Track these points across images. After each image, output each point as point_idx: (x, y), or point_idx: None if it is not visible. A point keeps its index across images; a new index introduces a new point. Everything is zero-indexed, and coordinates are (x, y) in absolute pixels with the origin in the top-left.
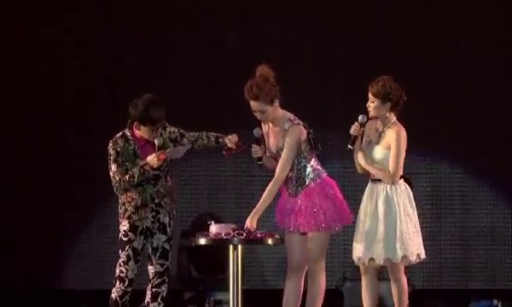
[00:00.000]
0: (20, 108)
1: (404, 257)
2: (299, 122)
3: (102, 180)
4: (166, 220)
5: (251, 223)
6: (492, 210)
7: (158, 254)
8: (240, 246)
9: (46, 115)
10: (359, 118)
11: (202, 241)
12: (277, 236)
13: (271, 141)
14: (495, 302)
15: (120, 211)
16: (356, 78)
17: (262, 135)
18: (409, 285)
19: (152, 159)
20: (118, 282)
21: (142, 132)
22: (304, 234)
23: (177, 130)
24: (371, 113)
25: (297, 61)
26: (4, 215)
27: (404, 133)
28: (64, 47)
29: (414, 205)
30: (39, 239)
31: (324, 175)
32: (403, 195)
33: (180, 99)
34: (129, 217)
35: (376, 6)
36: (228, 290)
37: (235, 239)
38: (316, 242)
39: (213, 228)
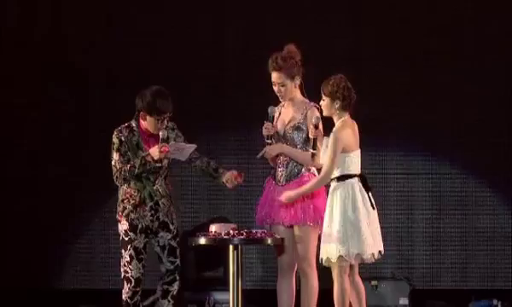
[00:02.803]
0: (21, 107)
1: (327, 258)
2: (317, 106)
3: (103, 179)
4: (166, 219)
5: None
6: (492, 210)
7: (166, 252)
8: (240, 246)
9: (45, 115)
10: (313, 119)
11: (202, 241)
12: (277, 236)
13: (280, 122)
14: (495, 302)
15: (119, 208)
16: (355, 78)
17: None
18: (409, 285)
19: (154, 150)
20: (125, 283)
21: (147, 124)
22: (290, 227)
23: (183, 138)
24: (323, 112)
25: None
26: (4, 215)
27: (342, 133)
28: (63, 45)
29: (342, 205)
30: (39, 239)
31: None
32: (339, 195)
33: (180, 99)
34: (127, 216)
35: (377, 6)
36: (228, 290)
37: (235, 239)
38: (303, 240)
39: (213, 228)
